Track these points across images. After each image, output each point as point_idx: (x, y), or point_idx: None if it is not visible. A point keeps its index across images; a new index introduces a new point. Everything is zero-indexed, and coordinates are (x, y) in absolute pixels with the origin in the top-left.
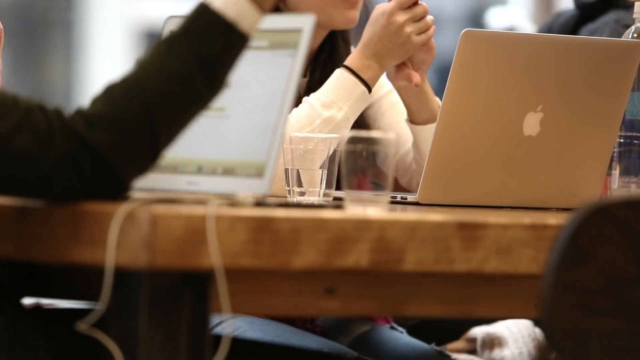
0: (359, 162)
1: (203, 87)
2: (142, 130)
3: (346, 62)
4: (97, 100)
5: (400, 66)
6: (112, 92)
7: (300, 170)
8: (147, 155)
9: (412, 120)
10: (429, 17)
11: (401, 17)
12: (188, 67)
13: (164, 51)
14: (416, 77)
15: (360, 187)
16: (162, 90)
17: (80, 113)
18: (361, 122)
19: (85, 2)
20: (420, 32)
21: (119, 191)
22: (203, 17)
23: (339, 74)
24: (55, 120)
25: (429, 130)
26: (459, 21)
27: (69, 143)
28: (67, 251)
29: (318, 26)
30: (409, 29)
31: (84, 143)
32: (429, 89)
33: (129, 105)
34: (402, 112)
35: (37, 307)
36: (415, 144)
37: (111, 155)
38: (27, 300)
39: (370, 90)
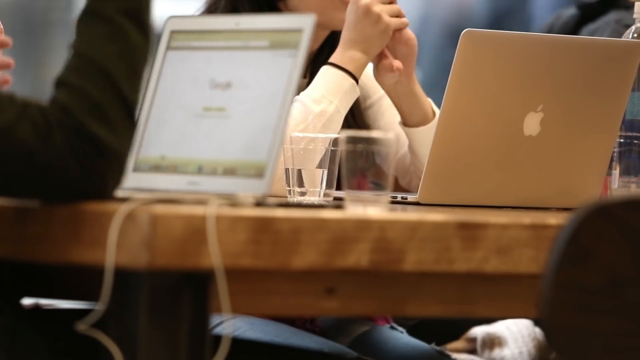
0: (359, 162)
1: (138, 37)
2: (112, 98)
3: (330, 60)
4: (58, 95)
5: (380, 58)
6: (67, 80)
7: (302, 170)
8: (127, 120)
9: (405, 122)
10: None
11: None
12: (119, 25)
13: (91, 21)
14: (397, 62)
15: (360, 187)
16: (107, 54)
17: (57, 105)
18: (361, 122)
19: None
20: (393, 16)
21: (119, 169)
22: None
23: (325, 71)
24: (51, 114)
25: (422, 133)
26: None
27: (67, 136)
28: (67, 251)
29: (318, 27)
30: (377, 8)
31: (80, 132)
32: (419, 91)
33: (89, 83)
34: None
35: (37, 308)
36: (410, 146)
37: (104, 135)
38: (27, 301)
39: (357, 81)
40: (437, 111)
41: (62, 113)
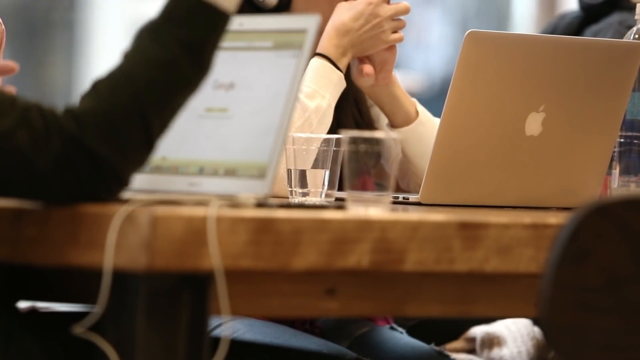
0: (361, 163)
1: (190, 71)
2: (134, 122)
3: (321, 50)
4: (85, 98)
5: (358, 60)
6: (100, 88)
7: (305, 171)
8: (142, 147)
9: (390, 123)
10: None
11: (385, 11)
12: (173, 54)
13: (147, 40)
14: (367, 68)
15: (364, 187)
16: (150, 79)
17: (69, 112)
18: (368, 120)
19: (87, 3)
20: (394, 31)
21: (117, 188)
22: (183, 1)
23: (315, 63)
24: (52, 121)
25: (405, 133)
26: None
27: (64, 143)
28: (64, 253)
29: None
30: (387, 25)
31: (78, 143)
32: (399, 92)
33: (117, 99)
34: None
35: (33, 311)
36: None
37: (106, 152)
38: (23, 304)
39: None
40: (422, 111)
41: (69, 119)
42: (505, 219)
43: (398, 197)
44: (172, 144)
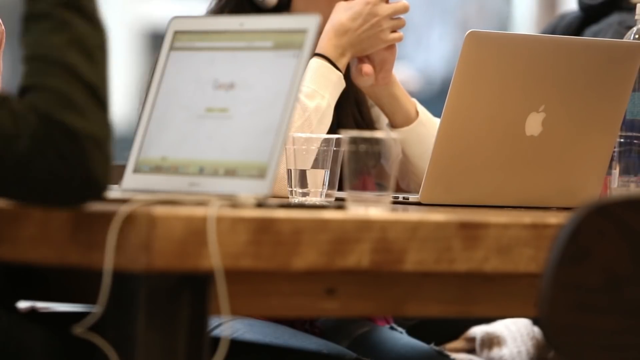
0: (361, 163)
1: (82, 24)
2: (74, 83)
3: (320, 50)
4: (25, 99)
5: (357, 59)
6: (27, 84)
7: (305, 171)
8: (93, 101)
9: (390, 123)
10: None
11: (383, 10)
12: (59, 17)
13: (31, 23)
14: (366, 67)
15: (364, 187)
16: (56, 45)
17: (26, 106)
18: (369, 120)
19: None
20: (393, 30)
21: (100, 158)
22: None
23: (314, 64)
24: (25, 102)
25: (405, 133)
26: None
27: (38, 127)
28: (64, 254)
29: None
30: (386, 24)
31: (50, 118)
32: (399, 92)
33: (48, 77)
34: None
35: (33, 311)
36: None
37: (72, 122)
38: (23, 304)
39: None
40: (423, 111)
41: (31, 110)
42: (505, 219)
43: (398, 197)
44: (172, 144)
